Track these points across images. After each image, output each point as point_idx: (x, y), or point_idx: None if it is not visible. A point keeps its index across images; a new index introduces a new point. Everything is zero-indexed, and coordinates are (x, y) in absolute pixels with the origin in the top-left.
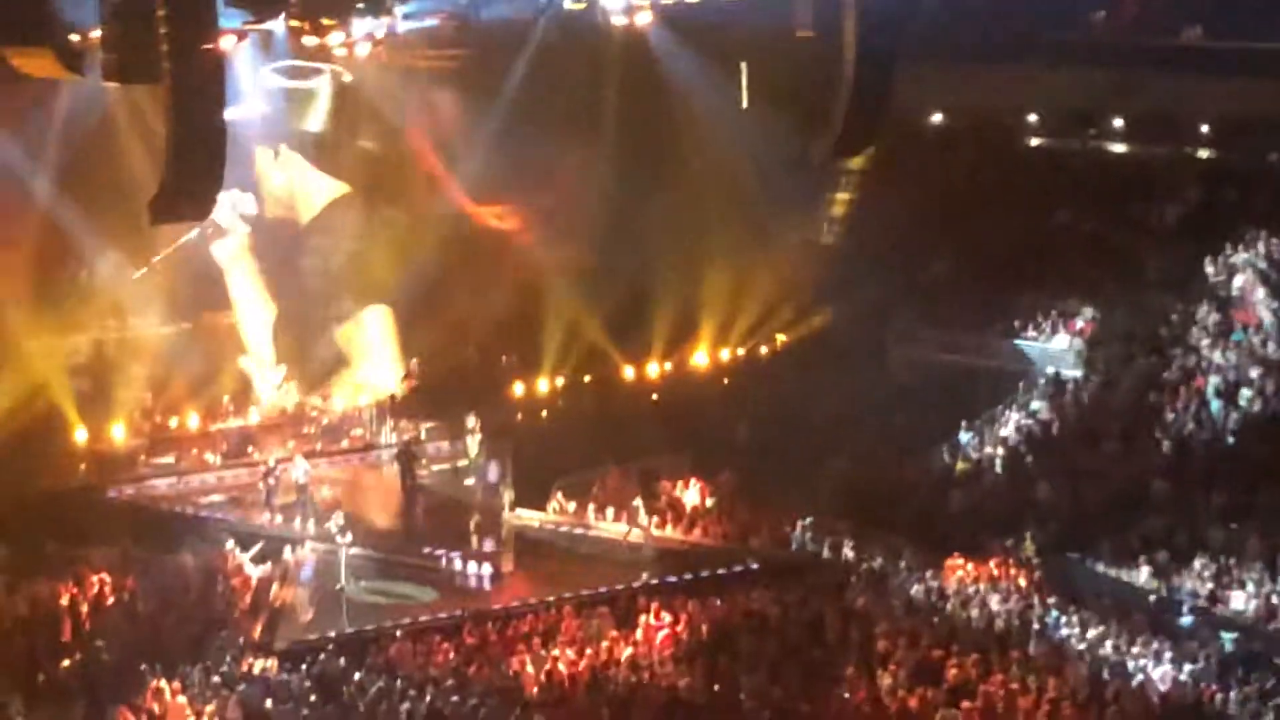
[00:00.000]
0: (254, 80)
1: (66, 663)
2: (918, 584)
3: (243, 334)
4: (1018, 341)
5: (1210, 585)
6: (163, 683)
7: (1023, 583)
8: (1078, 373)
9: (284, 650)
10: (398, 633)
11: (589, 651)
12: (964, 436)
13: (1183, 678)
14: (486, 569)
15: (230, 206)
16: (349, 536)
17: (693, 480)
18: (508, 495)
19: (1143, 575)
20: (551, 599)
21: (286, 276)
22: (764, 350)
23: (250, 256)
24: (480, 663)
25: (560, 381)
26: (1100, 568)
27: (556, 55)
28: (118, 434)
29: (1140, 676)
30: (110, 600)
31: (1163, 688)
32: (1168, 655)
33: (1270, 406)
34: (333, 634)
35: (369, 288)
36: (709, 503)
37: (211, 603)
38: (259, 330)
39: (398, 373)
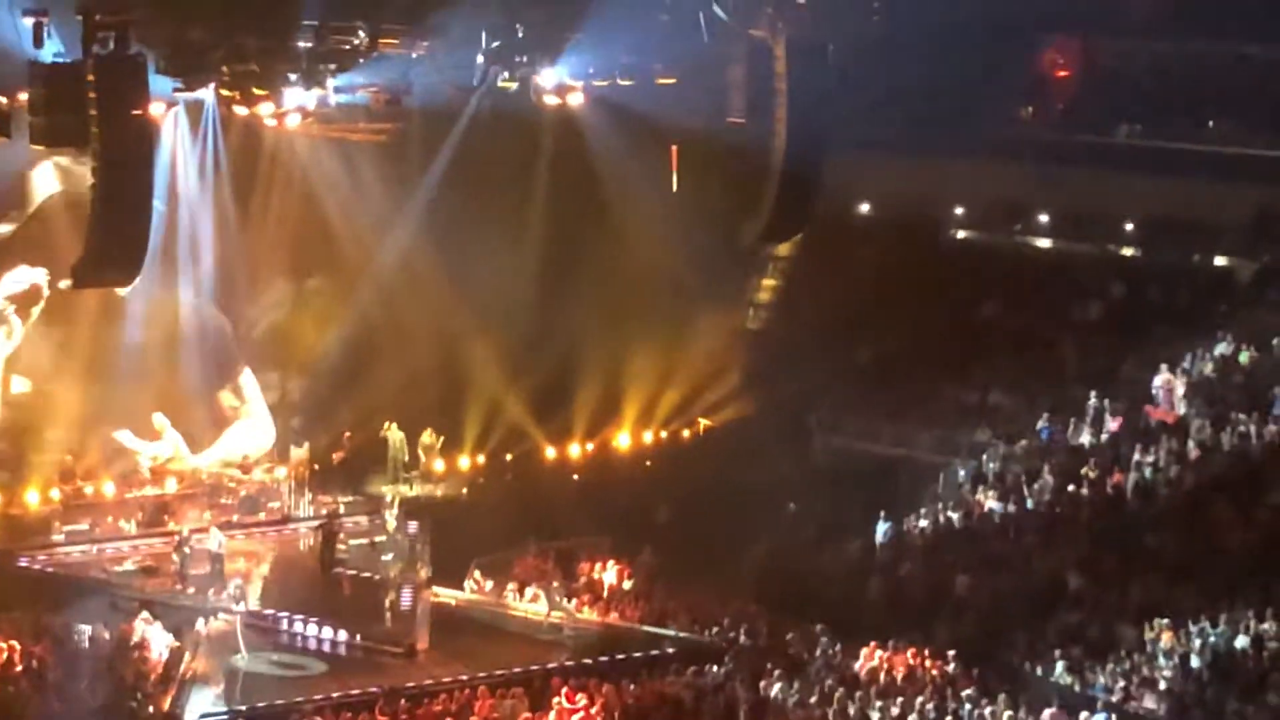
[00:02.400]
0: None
1: None
2: (833, 673)
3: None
4: (939, 432)
5: (1123, 683)
6: None
7: (937, 675)
8: (997, 465)
9: None
10: (308, 708)
11: None
12: (882, 526)
13: None
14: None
15: None
16: (243, 605)
17: (611, 562)
18: (425, 572)
19: (1057, 670)
20: (465, 678)
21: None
22: (687, 434)
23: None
24: None
25: (481, 459)
26: (1015, 661)
27: (487, 133)
28: (32, 499)
29: None
30: (19, 668)
31: None
32: None
33: (1186, 506)
34: (243, 708)
35: (292, 358)
36: (627, 585)
37: (122, 672)
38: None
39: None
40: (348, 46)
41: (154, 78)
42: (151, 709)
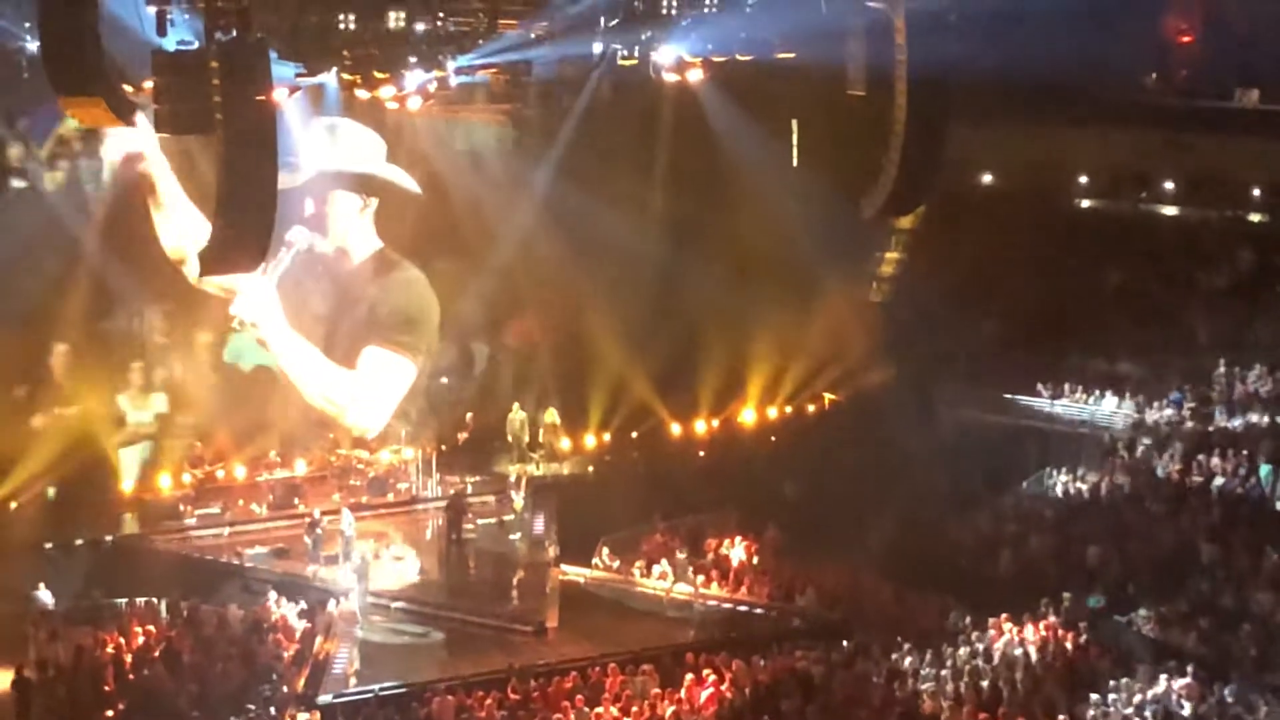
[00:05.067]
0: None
1: (110, 713)
2: (964, 645)
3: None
4: (1067, 403)
5: (1256, 651)
6: None
7: (1070, 646)
8: (1127, 434)
9: (327, 704)
10: (440, 687)
11: (633, 709)
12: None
13: None
14: None
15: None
16: (360, 580)
17: (738, 538)
18: (553, 551)
19: (1190, 640)
20: (596, 655)
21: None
22: (812, 408)
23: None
24: (523, 719)
25: (607, 437)
26: (1148, 631)
27: (607, 111)
28: (164, 483)
29: None
30: (155, 652)
31: None
32: None
33: None
34: (375, 688)
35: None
36: (754, 560)
37: (255, 654)
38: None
39: None
40: (467, 28)
41: (276, 63)
42: (285, 690)
